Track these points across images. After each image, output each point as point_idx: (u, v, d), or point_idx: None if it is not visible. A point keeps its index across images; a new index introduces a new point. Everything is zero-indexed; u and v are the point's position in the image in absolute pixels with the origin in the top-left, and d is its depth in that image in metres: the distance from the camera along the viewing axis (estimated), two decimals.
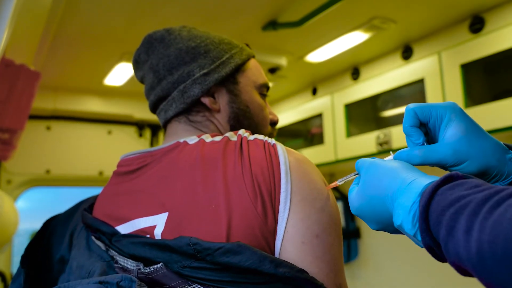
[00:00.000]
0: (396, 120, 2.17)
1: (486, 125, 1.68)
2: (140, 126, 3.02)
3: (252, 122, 0.86)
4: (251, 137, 0.74)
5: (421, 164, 0.61)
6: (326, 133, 2.51)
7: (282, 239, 0.64)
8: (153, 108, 0.89)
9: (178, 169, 0.71)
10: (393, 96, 2.21)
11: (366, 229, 2.74)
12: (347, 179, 0.69)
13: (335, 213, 0.68)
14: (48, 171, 2.73)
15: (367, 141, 2.20)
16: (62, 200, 3.06)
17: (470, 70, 1.82)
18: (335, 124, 2.45)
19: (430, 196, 0.48)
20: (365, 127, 2.36)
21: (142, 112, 2.89)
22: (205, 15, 1.77)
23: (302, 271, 0.60)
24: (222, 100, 0.85)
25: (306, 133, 2.77)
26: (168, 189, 0.70)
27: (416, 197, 0.50)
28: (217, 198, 0.65)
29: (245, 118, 0.86)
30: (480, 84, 1.86)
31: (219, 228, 0.63)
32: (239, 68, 0.87)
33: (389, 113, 2.25)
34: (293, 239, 0.64)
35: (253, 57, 0.91)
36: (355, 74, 2.38)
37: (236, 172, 0.66)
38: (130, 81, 2.52)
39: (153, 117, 2.94)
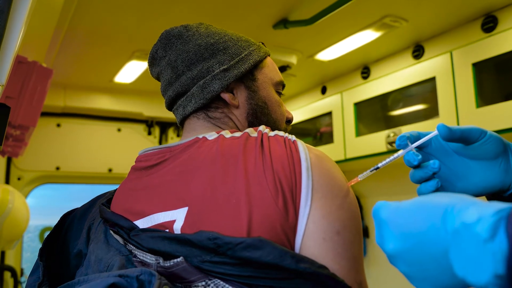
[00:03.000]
0: (406, 119, 2.17)
1: (497, 125, 1.67)
2: (149, 124, 3.04)
3: (270, 119, 0.87)
4: (272, 133, 0.74)
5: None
6: (335, 132, 2.50)
7: (303, 235, 0.64)
8: (171, 104, 0.89)
9: (198, 164, 0.72)
10: (404, 95, 2.20)
11: (374, 229, 2.73)
12: (368, 175, 0.69)
13: (355, 210, 0.68)
14: (58, 168, 2.75)
15: (377, 140, 2.20)
16: (71, 197, 3.08)
17: (482, 70, 1.81)
18: (344, 123, 2.45)
19: None
20: (374, 126, 2.35)
21: (152, 110, 2.91)
22: (216, 13, 1.78)
23: (323, 267, 0.60)
24: (241, 96, 0.85)
25: (315, 132, 2.77)
26: (188, 184, 0.71)
27: (492, 216, 0.39)
28: (238, 193, 0.65)
29: (263, 114, 0.86)
30: (491, 83, 1.85)
31: (239, 223, 0.63)
32: (257, 65, 0.87)
33: (399, 112, 2.24)
34: (314, 236, 0.64)
35: (269, 55, 0.92)
36: (365, 73, 2.37)
37: (257, 167, 0.66)
38: (140, 79, 2.53)
39: (162, 115, 2.95)
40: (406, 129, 2.05)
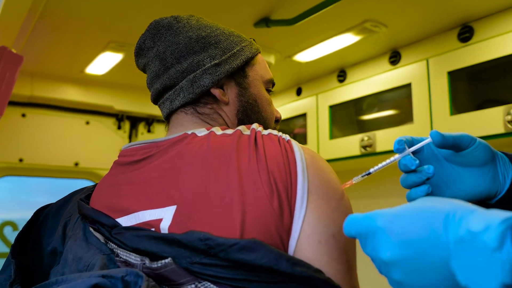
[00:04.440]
0: (380, 124, 2.19)
1: (469, 134, 1.71)
2: (119, 118, 2.95)
3: (260, 117, 0.84)
4: (265, 132, 0.72)
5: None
6: (309, 134, 2.51)
7: (298, 238, 0.62)
8: (157, 98, 0.86)
9: (187, 161, 0.69)
10: (379, 100, 2.23)
11: None
12: (363, 177, 0.68)
13: (350, 212, 0.67)
14: (21, 160, 2.63)
15: (351, 143, 2.21)
16: (34, 191, 2.95)
17: (456, 78, 1.85)
18: (318, 125, 2.45)
19: None
20: (349, 130, 2.37)
21: (123, 103, 2.83)
22: (196, 7, 1.74)
23: (319, 271, 0.58)
24: (231, 92, 0.83)
25: (289, 132, 2.77)
26: (177, 181, 0.68)
27: (500, 225, 0.39)
28: (231, 192, 0.62)
29: (253, 112, 0.84)
30: (464, 92, 1.89)
31: (232, 223, 0.61)
32: (249, 61, 0.85)
33: (374, 116, 2.27)
34: (309, 238, 0.62)
35: (260, 52, 0.90)
36: (342, 76, 2.38)
37: (251, 166, 0.64)
38: (112, 71, 2.46)
39: (133, 109, 2.88)
40: (380, 134, 2.07)
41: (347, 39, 2.00)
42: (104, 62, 2.32)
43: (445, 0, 1.64)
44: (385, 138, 2.05)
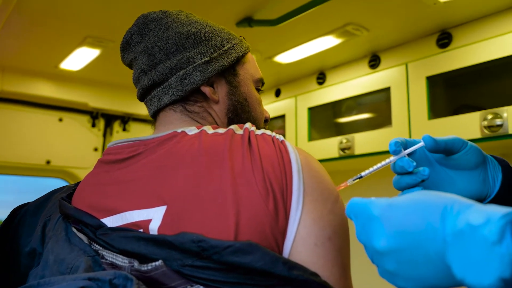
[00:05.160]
0: (359, 127, 2.21)
1: None
2: (94, 115, 2.88)
3: (250, 117, 0.83)
4: (259, 132, 0.70)
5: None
6: (287, 135, 2.51)
7: (293, 240, 0.61)
8: (144, 94, 0.83)
9: (178, 160, 0.66)
10: (358, 103, 2.24)
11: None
12: (358, 179, 0.67)
13: (344, 215, 0.66)
14: None
15: (329, 145, 2.22)
16: (3, 189, 2.85)
17: (435, 83, 1.88)
18: (297, 127, 2.45)
19: None
20: (327, 132, 2.38)
21: (98, 101, 2.76)
22: (177, 4, 1.71)
23: (315, 274, 0.57)
24: (221, 91, 0.81)
25: None
26: (167, 181, 0.65)
27: (500, 219, 0.39)
28: (224, 192, 0.61)
29: (244, 111, 0.82)
30: (442, 97, 1.93)
31: (225, 225, 0.59)
32: (240, 59, 0.83)
33: (352, 119, 2.28)
34: (305, 241, 0.61)
35: (250, 50, 0.88)
36: (321, 78, 2.39)
37: (245, 166, 0.62)
38: (88, 67, 2.39)
39: (108, 107, 2.81)
40: (359, 137, 2.08)
41: (328, 42, 2.01)
42: (80, 58, 2.25)
43: (425, 6, 1.67)
44: (363, 141, 2.07)
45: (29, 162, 2.64)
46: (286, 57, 2.22)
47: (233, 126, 0.71)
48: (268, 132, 0.71)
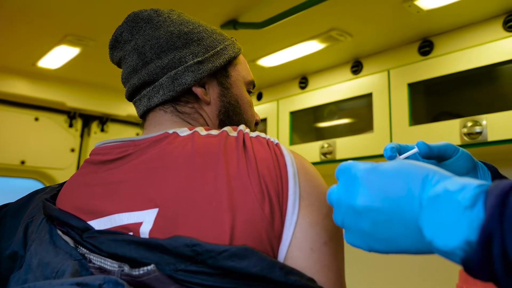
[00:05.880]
0: (341, 132, 2.22)
1: None
2: (71, 115, 2.82)
3: (242, 119, 0.82)
4: (253, 134, 0.69)
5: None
6: None
7: (289, 245, 0.60)
8: (133, 94, 0.81)
9: (170, 162, 0.65)
10: (340, 108, 2.26)
11: None
12: None
13: None
14: None
15: (311, 150, 2.22)
16: None
17: (416, 90, 1.91)
18: (279, 131, 2.45)
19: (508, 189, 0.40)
20: (309, 136, 2.39)
21: (76, 100, 2.70)
22: (161, 4, 1.69)
23: (312, 280, 0.56)
24: (213, 92, 0.79)
25: None
26: (159, 182, 0.63)
27: (475, 188, 0.41)
28: (219, 196, 0.59)
29: (235, 113, 0.81)
30: (422, 104, 1.96)
31: (220, 228, 0.57)
32: (232, 61, 0.82)
33: (334, 123, 2.30)
34: (302, 246, 0.60)
35: (241, 52, 0.87)
36: (303, 83, 2.40)
37: (240, 169, 0.61)
38: (67, 66, 2.34)
39: (86, 107, 2.76)
40: (341, 142, 2.09)
41: (311, 46, 2.02)
42: (59, 56, 2.20)
43: (409, 14, 1.69)
44: (345, 146, 2.08)
45: (2, 162, 2.56)
46: (269, 61, 2.22)
47: (226, 128, 0.70)
48: (263, 134, 0.70)
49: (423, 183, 0.47)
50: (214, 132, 0.69)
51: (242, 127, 0.70)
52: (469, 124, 1.64)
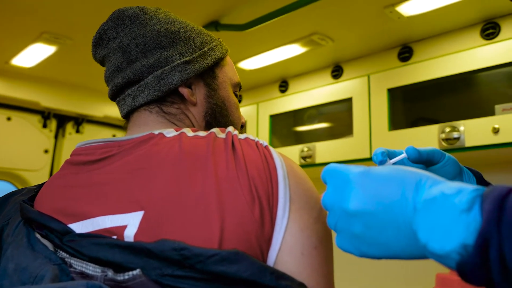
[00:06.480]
0: (320, 136, 2.23)
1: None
2: (45, 115, 2.74)
3: (228, 121, 0.80)
4: (242, 136, 0.67)
5: None
6: None
7: (279, 249, 0.59)
8: (116, 93, 0.78)
9: (156, 163, 0.63)
10: (320, 112, 2.26)
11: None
12: None
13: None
14: None
15: (291, 153, 2.22)
16: None
17: (395, 96, 1.93)
18: (258, 134, 2.44)
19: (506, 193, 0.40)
20: (288, 140, 2.39)
21: (51, 100, 2.63)
22: (142, 2, 1.66)
23: (303, 285, 0.55)
24: (200, 93, 0.78)
25: None
26: (144, 184, 0.61)
27: (472, 192, 0.42)
28: (207, 198, 0.57)
29: (222, 115, 0.79)
30: (401, 109, 1.98)
31: (209, 232, 0.56)
32: (219, 62, 0.81)
33: (314, 127, 2.30)
34: (292, 250, 0.59)
35: (228, 53, 0.86)
36: (283, 86, 2.40)
37: (229, 171, 0.60)
38: (42, 64, 2.28)
39: (61, 107, 2.69)
40: (320, 146, 2.10)
41: (292, 50, 2.02)
42: (34, 54, 2.14)
43: (390, 20, 1.71)
44: (324, 150, 2.09)
45: None
46: (250, 64, 2.21)
47: (214, 130, 0.68)
48: (251, 136, 0.68)
49: (416, 187, 0.46)
50: (202, 133, 0.67)
51: (230, 128, 0.69)
52: (447, 129, 1.66)
